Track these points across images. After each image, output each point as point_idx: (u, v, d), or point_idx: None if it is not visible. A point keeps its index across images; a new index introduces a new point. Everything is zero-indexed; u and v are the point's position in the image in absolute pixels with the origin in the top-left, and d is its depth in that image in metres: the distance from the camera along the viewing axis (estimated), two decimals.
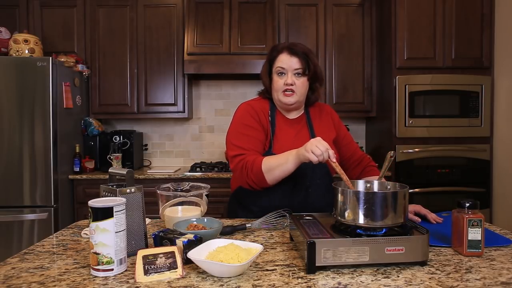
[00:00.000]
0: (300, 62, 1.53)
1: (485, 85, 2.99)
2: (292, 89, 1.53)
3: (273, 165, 1.40)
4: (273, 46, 1.64)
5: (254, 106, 1.61)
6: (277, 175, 1.40)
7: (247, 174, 1.44)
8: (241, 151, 1.49)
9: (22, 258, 1.11)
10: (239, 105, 1.65)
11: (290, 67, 1.53)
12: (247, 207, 1.60)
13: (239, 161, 1.47)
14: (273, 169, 1.39)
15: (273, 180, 1.42)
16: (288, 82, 1.52)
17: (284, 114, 1.63)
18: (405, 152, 2.97)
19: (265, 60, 1.65)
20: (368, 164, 1.71)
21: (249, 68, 3.13)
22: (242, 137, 1.53)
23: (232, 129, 1.57)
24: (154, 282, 0.93)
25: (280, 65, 1.54)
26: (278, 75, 1.56)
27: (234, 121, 1.59)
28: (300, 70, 1.53)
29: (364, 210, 1.04)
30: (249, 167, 1.43)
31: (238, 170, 1.47)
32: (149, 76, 3.35)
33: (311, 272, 0.98)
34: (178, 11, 3.34)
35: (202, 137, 3.69)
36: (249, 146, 1.50)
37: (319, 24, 3.35)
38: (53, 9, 3.32)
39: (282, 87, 1.54)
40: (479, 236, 1.08)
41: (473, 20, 3.00)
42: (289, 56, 1.54)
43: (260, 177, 1.42)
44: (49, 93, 2.77)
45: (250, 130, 1.54)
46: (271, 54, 1.61)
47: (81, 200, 3.06)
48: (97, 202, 0.98)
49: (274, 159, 1.41)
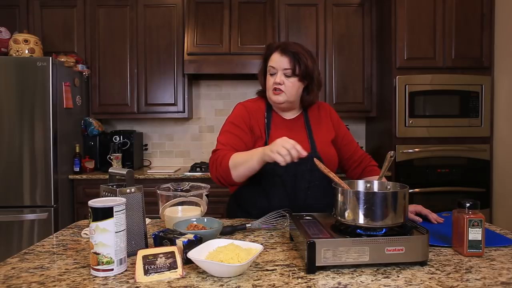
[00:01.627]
0: (290, 62, 1.51)
1: (485, 85, 2.99)
2: (281, 88, 1.52)
3: (239, 161, 1.38)
4: (268, 44, 1.63)
5: (248, 106, 1.61)
6: (242, 172, 1.38)
7: (216, 169, 1.43)
8: (219, 146, 1.50)
9: (22, 258, 1.11)
10: (236, 104, 1.66)
11: (280, 66, 1.52)
12: (246, 209, 1.59)
13: (213, 156, 1.47)
14: (239, 166, 1.38)
15: (238, 176, 1.40)
16: (276, 81, 1.52)
17: (281, 114, 1.62)
18: (405, 152, 2.97)
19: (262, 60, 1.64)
20: (368, 164, 1.69)
21: (249, 68, 3.13)
22: (226, 134, 1.54)
23: (222, 128, 1.59)
24: (154, 282, 0.93)
25: (271, 64, 1.54)
26: (270, 74, 1.56)
27: (226, 120, 1.61)
28: (289, 70, 1.52)
29: (364, 210, 1.04)
30: (218, 162, 1.42)
31: (210, 164, 1.47)
32: (149, 76, 3.35)
33: (311, 272, 0.98)
34: (178, 11, 3.34)
35: (202, 137, 3.69)
36: (228, 143, 1.50)
37: (319, 24, 3.35)
38: (53, 9, 3.33)
39: (271, 85, 1.54)
40: (480, 236, 1.08)
41: (473, 20, 3.01)
42: (279, 55, 1.53)
43: (226, 173, 1.40)
44: (49, 93, 2.78)
45: (235, 129, 1.54)
46: (265, 53, 1.60)
47: (81, 200, 3.06)
48: (97, 202, 0.98)
49: (241, 156, 1.40)
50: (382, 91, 3.24)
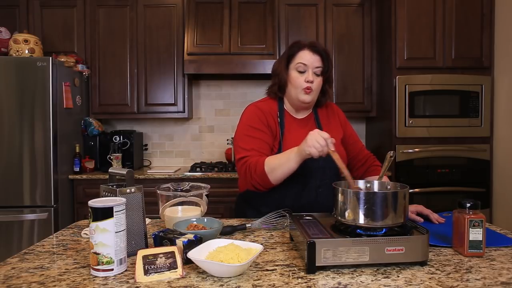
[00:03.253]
0: (322, 61, 1.52)
1: (485, 85, 2.99)
2: (311, 87, 1.51)
3: (275, 164, 1.38)
4: (293, 42, 1.60)
5: (261, 107, 1.58)
6: (280, 174, 1.39)
7: (251, 176, 1.43)
8: (245, 153, 1.48)
9: (22, 258, 1.11)
10: (246, 106, 1.63)
11: (311, 64, 1.51)
12: (257, 207, 1.58)
13: (243, 164, 1.46)
14: (276, 169, 1.38)
15: (277, 180, 1.41)
16: (309, 79, 1.50)
17: (292, 114, 1.62)
18: (405, 152, 2.97)
19: (282, 56, 1.61)
20: (372, 164, 1.69)
21: (249, 68, 3.12)
22: (248, 139, 1.51)
23: (239, 132, 1.56)
24: (154, 282, 0.93)
25: (302, 61, 1.51)
26: (298, 72, 1.53)
27: (240, 124, 1.57)
28: (320, 69, 1.52)
29: (364, 210, 1.04)
30: (252, 169, 1.42)
31: (242, 173, 1.46)
32: (149, 76, 3.35)
33: (311, 272, 0.98)
34: (178, 11, 3.34)
35: (202, 137, 3.69)
36: (253, 148, 1.48)
37: (319, 24, 3.35)
38: (53, 9, 3.32)
39: (303, 84, 1.51)
40: (480, 237, 1.08)
41: (473, 20, 3.00)
42: (311, 53, 1.52)
43: (264, 178, 1.40)
44: (49, 93, 2.77)
45: (256, 132, 1.52)
46: (290, 50, 1.57)
47: (81, 200, 3.06)
48: (97, 202, 0.98)
49: (276, 159, 1.40)
50: (382, 91, 3.24)
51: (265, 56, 3.15)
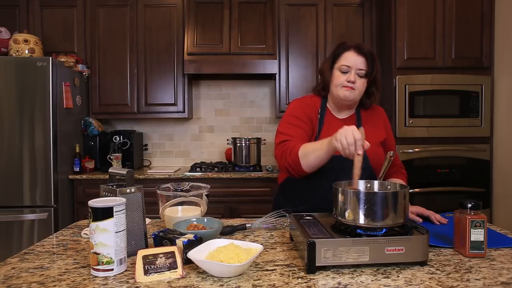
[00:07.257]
0: (366, 63, 1.52)
1: (485, 85, 2.99)
2: (352, 86, 1.52)
3: (308, 150, 1.39)
4: (340, 43, 1.62)
5: (305, 101, 1.63)
6: (312, 161, 1.38)
7: (285, 158, 1.45)
8: (285, 137, 1.51)
9: (22, 258, 1.11)
10: (291, 101, 1.69)
11: (355, 65, 1.51)
12: (293, 201, 1.60)
13: (281, 147, 1.49)
14: (308, 155, 1.39)
15: (308, 166, 1.40)
16: (350, 79, 1.51)
17: (334, 113, 1.63)
18: (405, 152, 2.97)
19: (328, 56, 1.63)
20: (396, 171, 1.69)
21: (249, 68, 3.12)
22: (290, 127, 1.55)
23: (282, 121, 1.60)
24: (154, 282, 0.93)
25: (345, 63, 1.52)
26: (342, 72, 1.53)
27: (284, 115, 1.62)
28: (363, 71, 1.51)
29: (364, 210, 1.04)
30: (287, 151, 1.45)
31: (279, 156, 1.49)
32: (149, 76, 3.35)
33: (311, 272, 0.98)
34: (178, 11, 3.34)
35: (202, 137, 3.69)
36: (294, 135, 1.52)
37: (319, 24, 3.35)
38: (53, 9, 3.32)
39: (342, 82, 1.52)
40: (482, 237, 1.08)
41: (473, 20, 3.00)
42: (356, 54, 1.52)
43: (296, 162, 1.41)
44: (49, 93, 2.77)
45: (298, 121, 1.56)
46: (336, 50, 1.58)
47: (81, 200, 3.06)
48: (97, 202, 0.98)
49: (311, 145, 1.41)
50: (382, 91, 3.23)
51: (265, 56, 3.15)
